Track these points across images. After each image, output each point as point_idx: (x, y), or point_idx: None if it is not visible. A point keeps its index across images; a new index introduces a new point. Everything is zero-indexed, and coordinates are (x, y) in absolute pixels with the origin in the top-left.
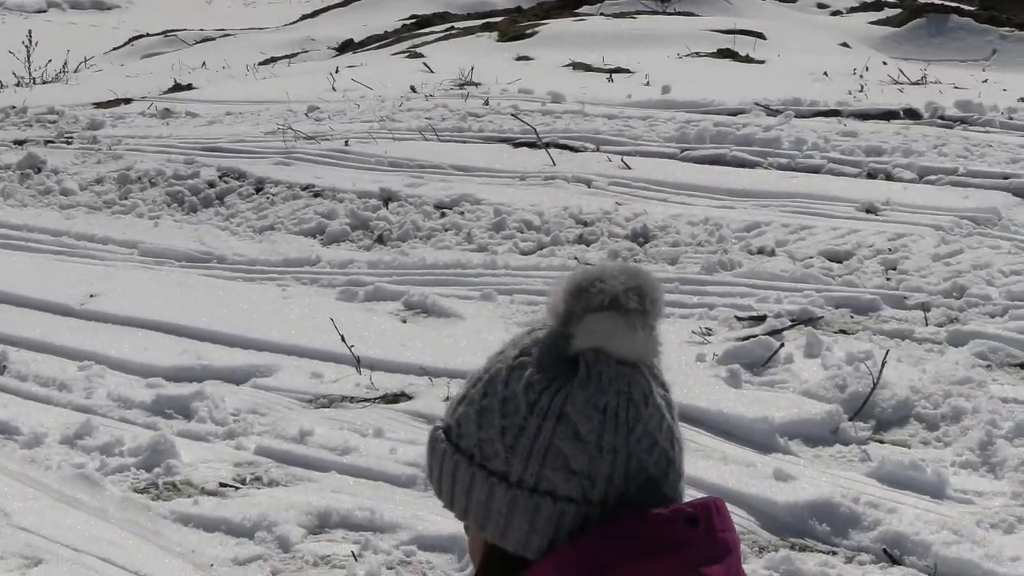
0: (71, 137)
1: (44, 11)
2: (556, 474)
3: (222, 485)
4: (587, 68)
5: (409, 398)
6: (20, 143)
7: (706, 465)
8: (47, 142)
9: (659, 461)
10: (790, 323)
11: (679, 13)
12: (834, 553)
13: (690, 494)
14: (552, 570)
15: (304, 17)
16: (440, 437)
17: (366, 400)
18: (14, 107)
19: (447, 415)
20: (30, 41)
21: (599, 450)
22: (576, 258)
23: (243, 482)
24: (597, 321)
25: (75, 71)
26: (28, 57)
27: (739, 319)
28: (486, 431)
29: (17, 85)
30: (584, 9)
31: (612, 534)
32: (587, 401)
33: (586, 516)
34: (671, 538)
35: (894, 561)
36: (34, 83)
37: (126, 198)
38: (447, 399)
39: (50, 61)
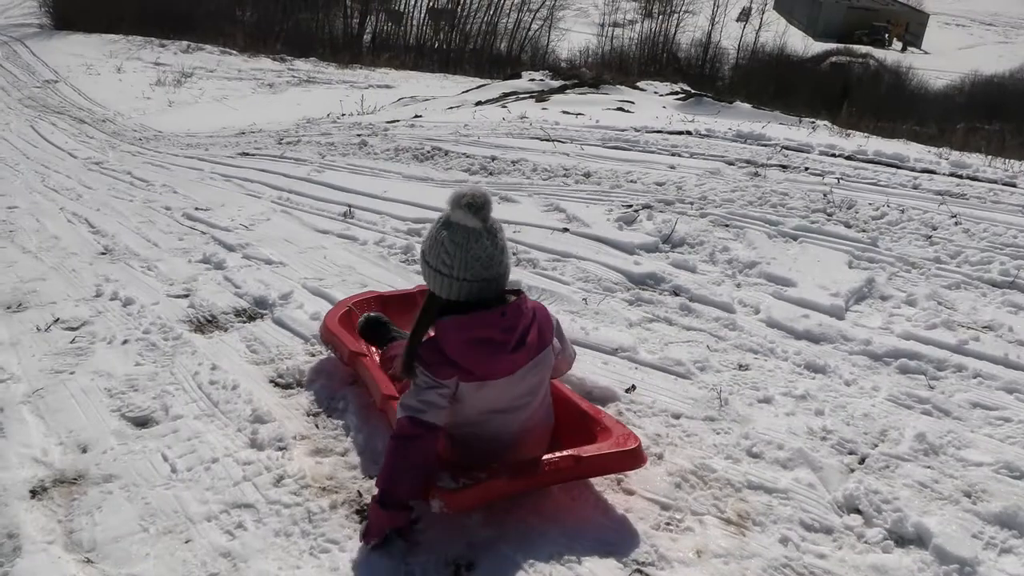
0: (375, 134)
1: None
2: (441, 264)
3: None
4: (567, 113)
5: None
6: (359, 136)
7: None
8: (368, 135)
9: (489, 263)
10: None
11: (601, 92)
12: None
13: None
14: (444, 323)
15: (466, 91)
16: (421, 255)
17: None
18: (358, 123)
19: (422, 245)
20: (361, 98)
21: (453, 257)
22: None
23: None
24: (455, 210)
25: (376, 111)
26: (362, 102)
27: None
28: (428, 249)
29: (351, 114)
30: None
31: (466, 314)
32: (450, 238)
33: (459, 283)
34: (490, 317)
35: None
36: (361, 114)
37: (397, 156)
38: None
39: (364, 103)
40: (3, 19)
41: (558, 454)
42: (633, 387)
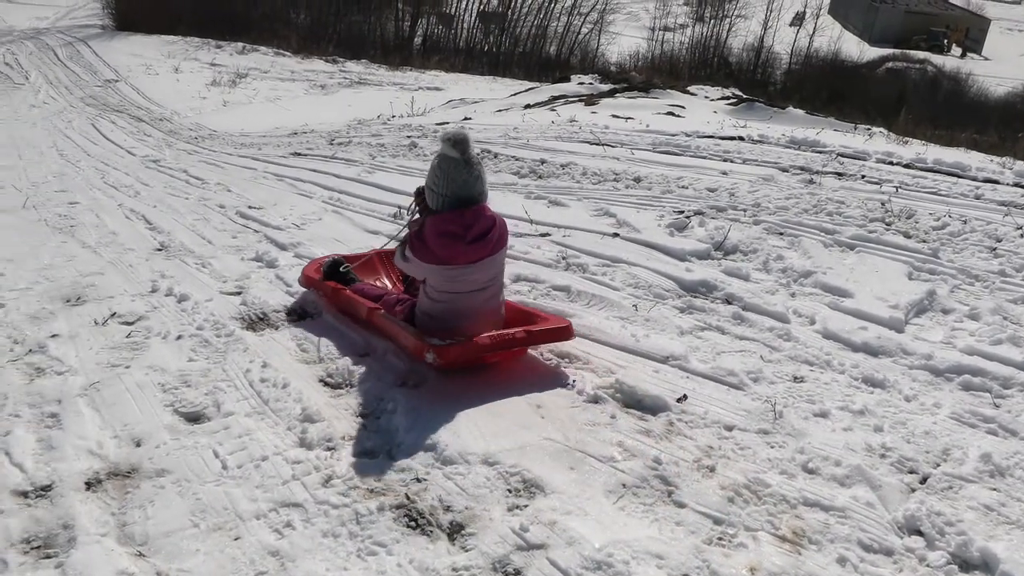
0: (424, 136)
1: (406, 87)
2: (432, 183)
3: None
4: (617, 117)
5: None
6: (408, 138)
7: None
8: (418, 137)
9: (464, 186)
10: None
11: (651, 96)
12: None
13: None
14: (428, 220)
15: (515, 94)
16: (420, 189)
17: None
18: (408, 125)
19: (427, 178)
20: (411, 100)
21: (440, 182)
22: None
23: None
24: (443, 144)
25: (426, 112)
26: (412, 104)
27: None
28: (428, 173)
29: (401, 116)
30: (618, 97)
31: (447, 215)
32: (438, 165)
33: (441, 198)
34: (462, 221)
35: None
36: (411, 116)
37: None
38: None
39: (414, 104)
40: (68, 20)
41: (514, 329)
42: (684, 397)
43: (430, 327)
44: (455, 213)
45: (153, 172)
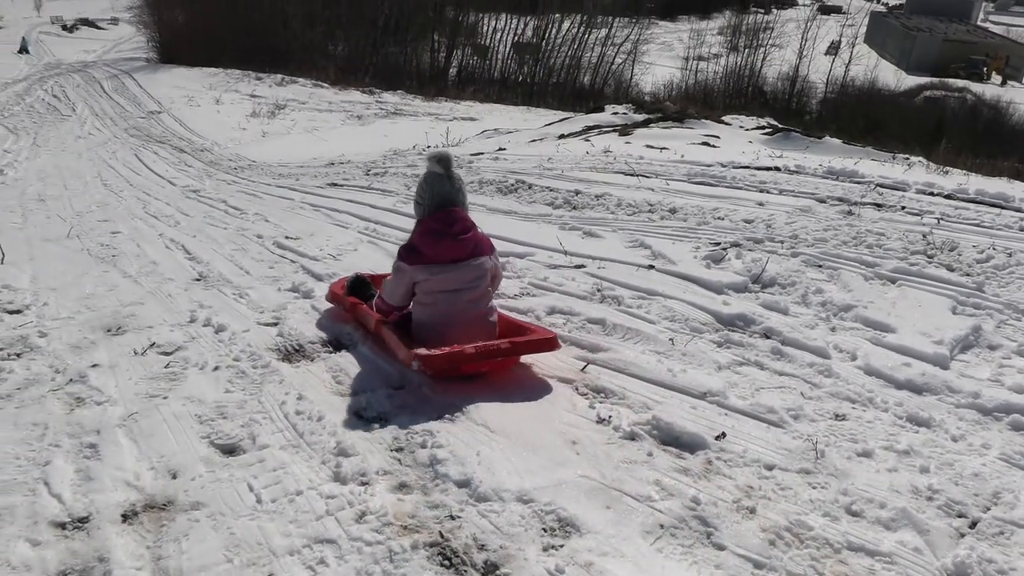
0: (459, 166)
1: (441, 117)
2: (419, 197)
3: None
4: (651, 147)
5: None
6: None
7: None
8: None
9: (446, 195)
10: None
11: (686, 126)
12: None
13: None
14: (416, 229)
15: (549, 124)
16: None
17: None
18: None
19: (415, 193)
20: (447, 130)
21: (425, 194)
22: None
23: None
24: (430, 162)
25: (460, 142)
26: (447, 134)
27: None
28: (416, 189)
29: (435, 146)
30: (652, 126)
31: (430, 217)
32: (424, 179)
33: (426, 208)
34: (444, 220)
35: None
36: (446, 146)
37: (481, 188)
38: None
39: (449, 135)
40: (114, 53)
41: (499, 340)
42: (723, 434)
43: (425, 337)
44: (437, 215)
45: (193, 202)
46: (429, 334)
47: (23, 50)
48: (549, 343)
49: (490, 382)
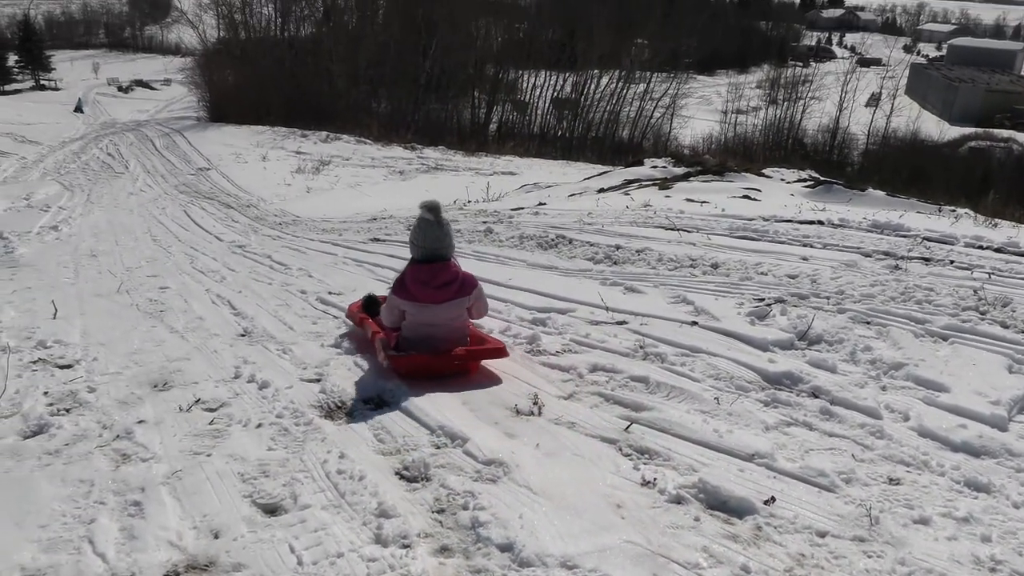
0: (500, 221)
1: (481, 172)
2: (413, 239)
3: None
4: (692, 201)
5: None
6: (484, 223)
7: None
8: (493, 222)
9: (437, 242)
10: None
11: (726, 180)
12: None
13: None
14: (408, 269)
15: (588, 178)
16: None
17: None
18: (483, 210)
19: (410, 235)
20: (487, 185)
21: (418, 237)
22: None
23: None
24: (422, 210)
25: (500, 197)
26: (487, 189)
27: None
28: (411, 232)
29: (476, 201)
30: (692, 180)
31: (416, 266)
32: (417, 225)
33: (419, 249)
34: (430, 272)
35: None
36: (487, 200)
37: (522, 243)
38: None
39: (489, 190)
40: (166, 113)
41: (458, 349)
42: (773, 499)
43: (406, 349)
44: (426, 267)
45: (239, 257)
46: (411, 348)
47: (78, 109)
48: (499, 352)
49: (531, 440)
